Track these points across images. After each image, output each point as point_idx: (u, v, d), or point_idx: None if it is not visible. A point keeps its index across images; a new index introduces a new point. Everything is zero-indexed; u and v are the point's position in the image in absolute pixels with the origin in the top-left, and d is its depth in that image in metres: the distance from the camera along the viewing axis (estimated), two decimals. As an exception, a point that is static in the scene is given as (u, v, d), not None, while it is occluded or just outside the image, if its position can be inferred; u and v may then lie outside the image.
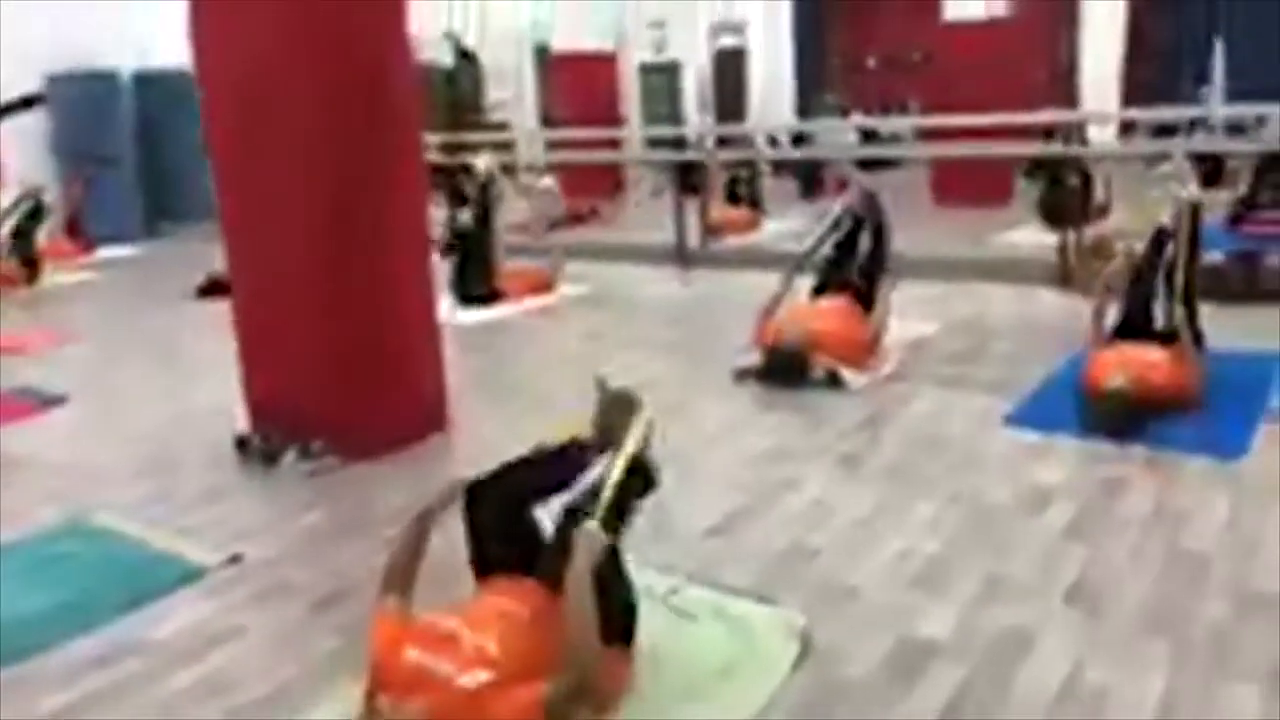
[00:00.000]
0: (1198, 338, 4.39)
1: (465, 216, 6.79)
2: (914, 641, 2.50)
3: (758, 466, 3.71)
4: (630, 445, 2.36)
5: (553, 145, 12.90)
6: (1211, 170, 9.86)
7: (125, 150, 11.33)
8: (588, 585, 2.09)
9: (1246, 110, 9.13)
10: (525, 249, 7.36)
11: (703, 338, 5.60)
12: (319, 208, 3.82)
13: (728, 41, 17.08)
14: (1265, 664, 2.35)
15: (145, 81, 11.31)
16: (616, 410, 2.47)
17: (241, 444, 4.08)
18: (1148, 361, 3.99)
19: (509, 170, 12.73)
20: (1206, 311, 5.24)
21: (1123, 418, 3.76)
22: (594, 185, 12.06)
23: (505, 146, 13.68)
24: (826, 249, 5.28)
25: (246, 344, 4.18)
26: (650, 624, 2.54)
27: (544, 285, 6.93)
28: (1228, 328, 5.10)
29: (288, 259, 3.90)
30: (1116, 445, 3.69)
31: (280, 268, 3.94)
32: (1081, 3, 14.02)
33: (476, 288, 6.58)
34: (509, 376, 5.12)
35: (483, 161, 6.87)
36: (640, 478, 2.40)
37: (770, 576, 2.87)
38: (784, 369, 4.61)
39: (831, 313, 4.86)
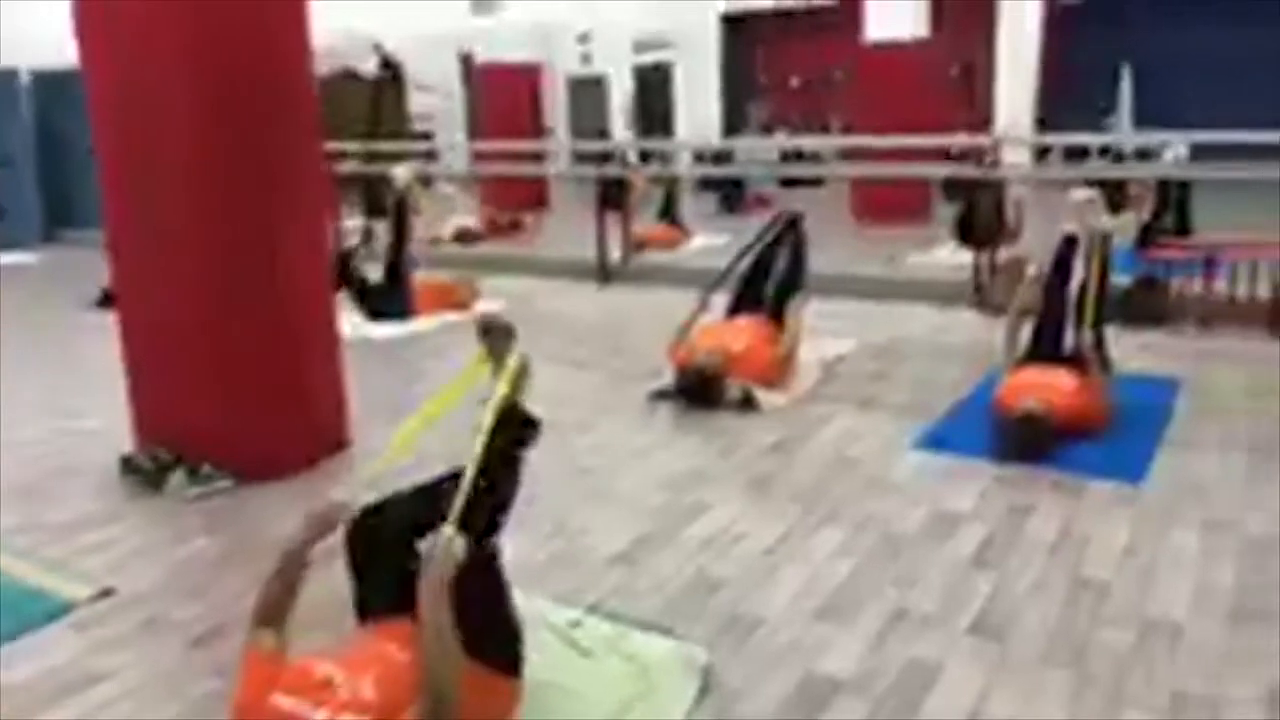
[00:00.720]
0: (1105, 362, 4.47)
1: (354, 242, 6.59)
2: (817, 677, 2.44)
3: (668, 490, 3.63)
4: (502, 386, 2.25)
5: (478, 157, 12.75)
6: (1117, 195, 10.18)
7: (23, 153, 10.84)
8: (442, 596, 1.97)
9: (1152, 137, 9.43)
10: (448, 262, 7.20)
11: (620, 356, 5.52)
12: (208, 217, 3.64)
13: (653, 57, 17.11)
14: (1162, 693, 2.34)
15: (45, 81, 10.84)
16: (502, 341, 2.38)
17: (127, 465, 3.86)
18: (1058, 386, 4.02)
19: (428, 182, 12.59)
20: (1112, 335, 5.40)
21: (1033, 441, 3.78)
22: (519, 198, 11.92)
23: (429, 157, 13.52)
24: (743, 268, 5.25)
25: (133, 359, 3.97)
26: (545, 658, 2.44)
27: (460, 300, 6.77)
28: (1133, 351, 5.24)
29: (175, 271, 3.71)
30: (1025, 469, 3.70)
31: (168, 280, 3.74)
32: (999, 28, 14.36)
33: (388, 302, 6.39)
34: (415, 394, 4.94)
35: (401, 172, 6.70)
36: (516, 427, 2.29)
37: (674, 608, 2.79)
38: (698, 390, 4.54)
39: (745, 333, 4.80)
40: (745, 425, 4.33)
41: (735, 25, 16.85)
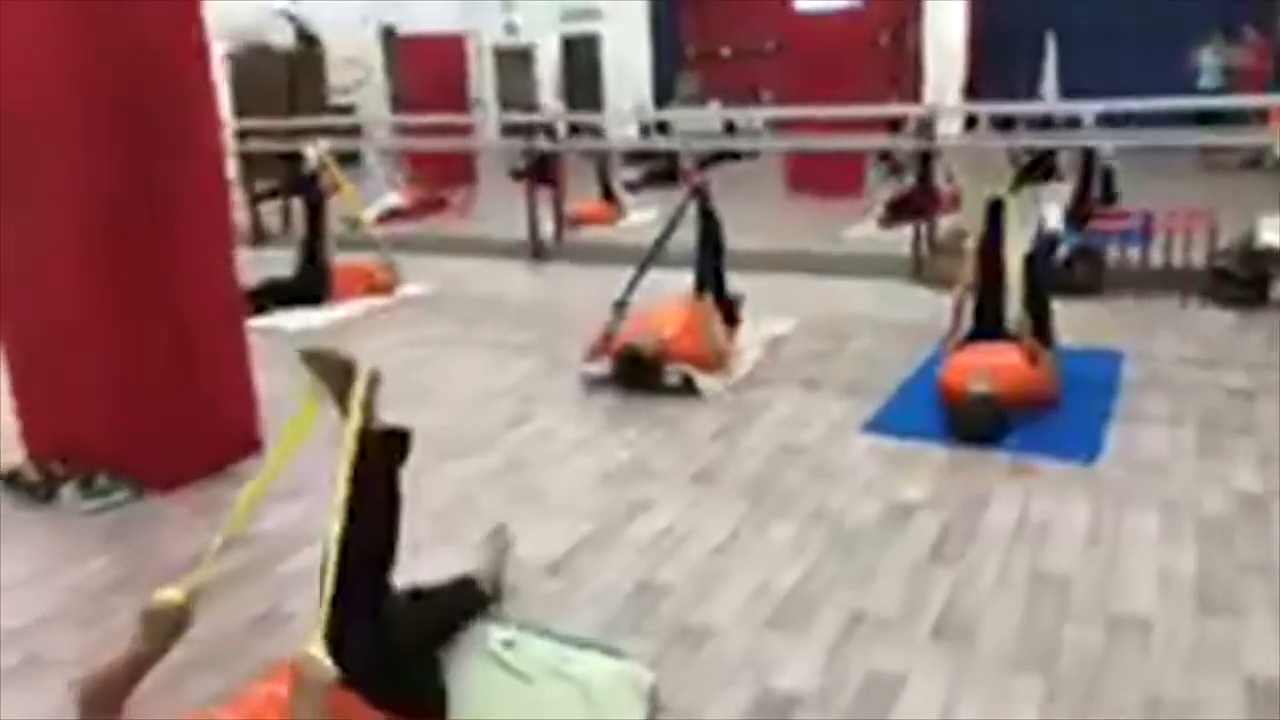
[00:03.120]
0: (1046, 337, 4.36)
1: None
2: (774, 694, 2.26)
3: (607, 487, 3.42)
4: (355, 417, 2.01)
5: (404, 132, 12.27)
6: (1048, 164, 10.19)
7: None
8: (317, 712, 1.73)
9: (1077, 106, 9.43)
10: (372, 244, 6.82)
11: (556, 340, 5.27)
12: (94, 208, 3.30)
13: (581, 27, 16.74)
14: (1137, 696, 2.21)
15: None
16: (334, 379, 2.10)
17: (12, 479, 3.52)
18: (1006, 363, 3.89)
19: (350, 158, 12.10)
20: (1055, 308, 5.32)
21: (983, 423, 3.65)
22: (446, 173, 11.51)
23: (351, 133, 12.98)
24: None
25: (18, 361, 3.63)
26: (476, 686, 2.22)
27: (383, 284, 6.44)
28: (1074, 323, 5.15)
29: (60, 265, 3.38)
30: (978, 451, 3.57)
31: (51, 278, 3.40)
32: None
33: (304, 288, 6.04)
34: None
35: (312, 150, 6.32)
36: (383, 452, 2.06)
37: (616, 621, 2.58)
38: (635, 375, 4.33)
39: (680, 314, 4.58)
40: (685, 412, 4.13)
41: (663, -6, 16.52)
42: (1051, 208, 4.85)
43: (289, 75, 15.38)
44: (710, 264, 4.84)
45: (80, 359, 3.46)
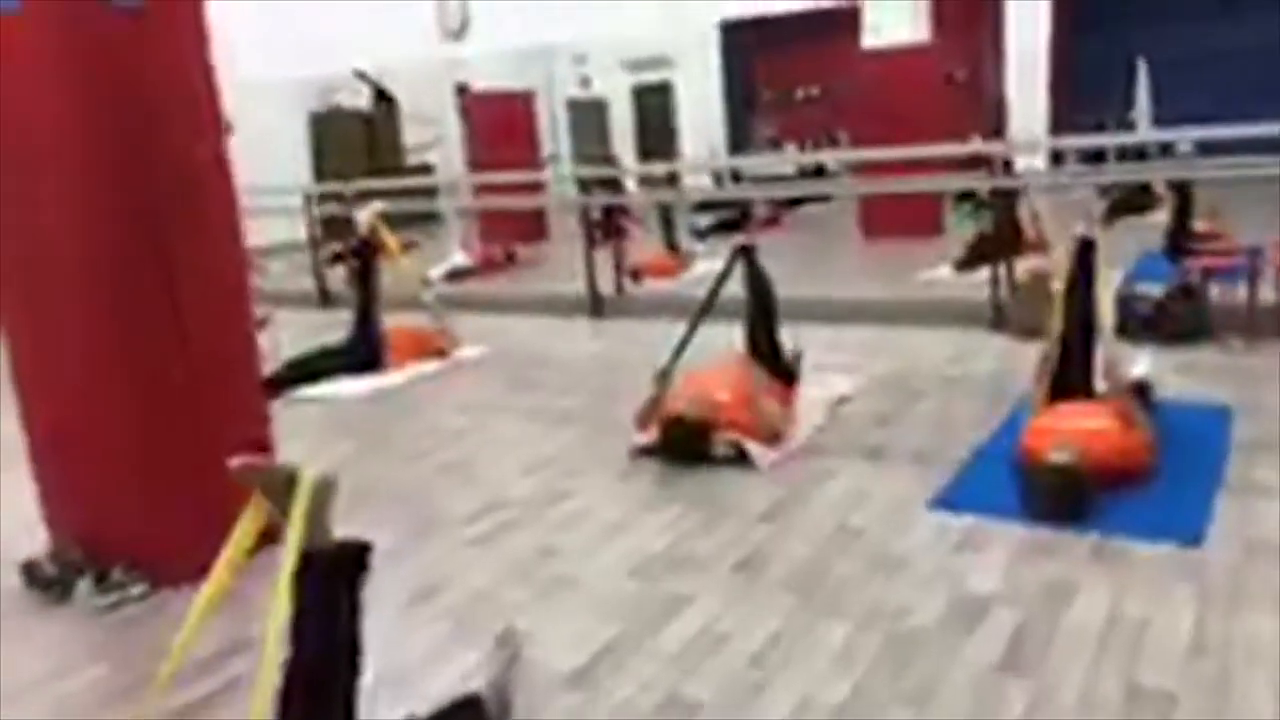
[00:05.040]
0: (1145, 391, 3.93)
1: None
2: None
3: (641, 578, 3.12)
4: (295, 532, 1.74)
5: (477, 190, 12.33)
6: (1143, 197, 9.61)
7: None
8: None
9: (1171, 134, 8.87)
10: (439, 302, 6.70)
11: (606, 405, 5.01)
12: (102, 289, 3.19)
13: (653, 76, 16.71)
14: None
15: None
16: (275, 493, 1.84)
17: (30, 572, 3.39)
18: (1095, 429, 3.48)
19: (424, 219, 12.18)
20: (1149, 354, 4.84)
21: (1066, 498, 3.24)
22: (517, 230, 11.48)
23: (428, 193, 13.10)
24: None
25: (39, 447, 3.51)
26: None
27: (438, 347, 6.30)
28: (1173, 372, 4.68)
29: (72, 345, 3.26)
30: (1060, 531, 3.16)
31: (65, 354, 3.29)
32: (1006, 30, 13.82)
33: (355, 355, 5.93)
34: (371, 467, 4.48)
35: (364, 214, 6.24)
36: (332, 575, 1.79)
37: (636, 748, 2.27)
38: (683, 445, 4.03)
39: (732, 378, 4.26)
40: (734, 486, 3.81)
41: (737, 38, 16.37)
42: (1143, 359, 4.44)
43: (366, 136, 15.71)
44: (762, 327, 4.52)
45: (95, 446, 3.33)
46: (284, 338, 6.93)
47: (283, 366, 5.81)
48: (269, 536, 1.91)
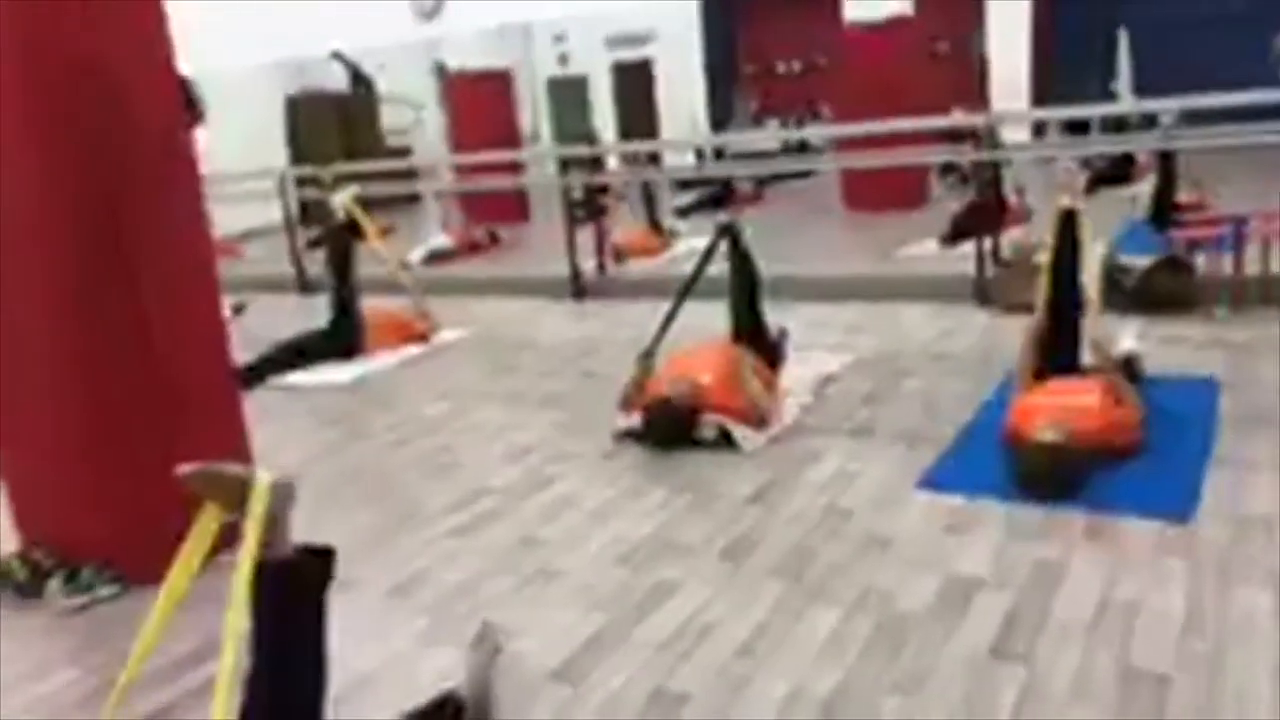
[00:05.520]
0: (1132, 364, 3.90)
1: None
2: None
3: (626, 568, 3.06)
4: (250, 541, 1.67)
5: (456, 171, 12.16)
6: (1126, 168, 9.56)
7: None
8: None
9: (1154, 105, 8.81)
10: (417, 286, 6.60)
11: (588, 388, 4.95)
12: (61, 279, 3.09)
13: (631, 53, 16.52)
14: None
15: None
16: (227, 498, 1.76)
17: (0, 571, 3.31)
18: (1083, 405, 3.43)
19: (405, 201, 12.01)
20: (1135, 327, 4.81)
21: (1055, 477, 3.19)
22: (498, 212, 11.34)
23: (407, 175, 12.92)
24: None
25: (7, 447, 3.42)
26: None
27: (418, 332, 6.20)
28: (1161, 345, 4.65)
29: (32, 339, 3.16)
30: (1050, 510, 3.12)
31: (24, 348, 3.19)
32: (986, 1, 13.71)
33: (336, 341, 5.83)
34: (351, 456, 4.40)
35: (339, 198, 6.13)
36: (294, 584, 1.72)
37: (622, 744, 2.22)
38: (667, 429, 3.97)
39: (715, 360, 4.19)
40: (721, 470, 3.75)
41: (718, 12, 16.19)
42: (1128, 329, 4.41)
43: (343, 119, 15.49)
44: (746, 307, 4.45)
45: (58, 442, 3.24)
46: (256, 325, 6.84)
47: (267, 352, 5.72)
48: (226, 541, 1.83)
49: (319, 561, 1.81)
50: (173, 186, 3.28)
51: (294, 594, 1.76)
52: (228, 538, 1.81)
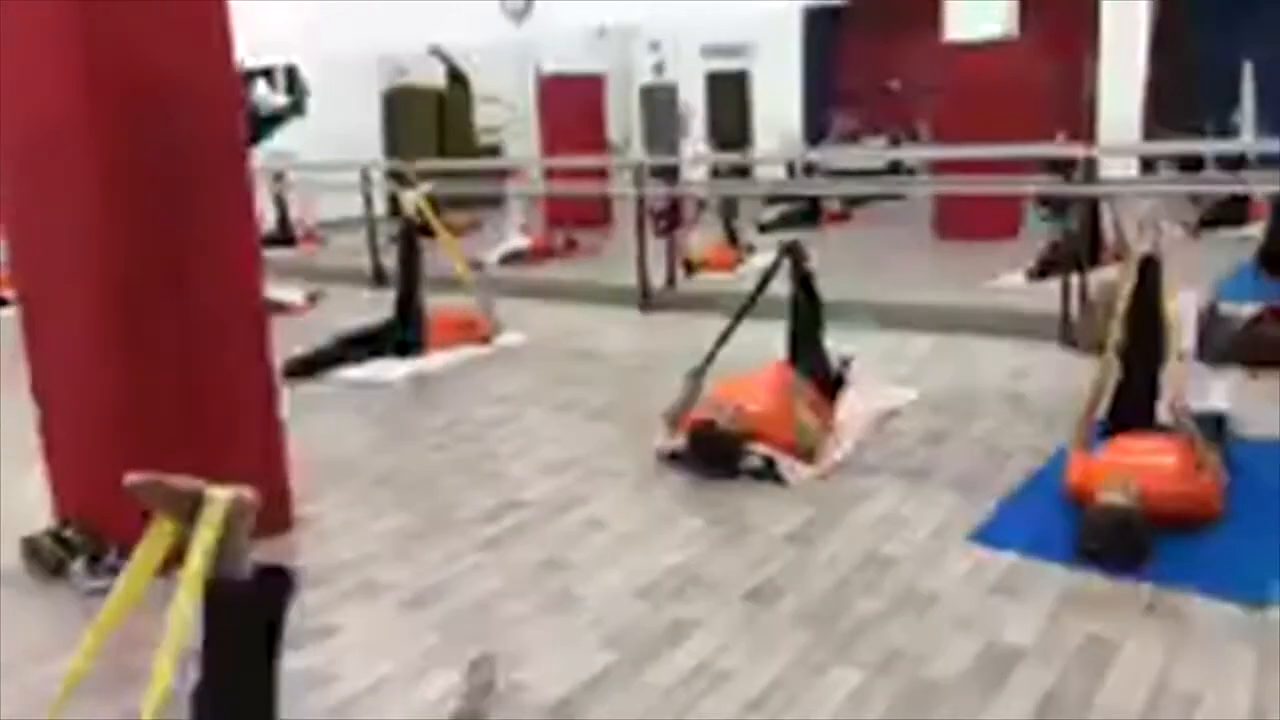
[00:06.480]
0: (1218, 425, 3.59)
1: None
2: None
3: (646, 601, 2.91)
4: (194, 561, 1.55)
5: (544, 174, 12.19)
6: (1237, 208, 9.05)
7: None
8: None
9: (1277, 145, 8.30)
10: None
11: (642, 402, 4.80)
12: (111, 277, 3.11)
13: (726, 64, 16.34)
14: None
15: None
16: (178, 512, 1.64)
17: (30, 548, 3.33)
18: (1157, 467, 3.16)
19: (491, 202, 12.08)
20: (1231, 382, 4.48)
21: (1120, 545, 2.93)
22: (580, 216, 11.32)
23: (496, 174, 13.01)
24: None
25: (46, 425, 3.47)
26: None
27: (480, 334, 6.16)
28: (1261, 404, 4.29)
29: (74, 326, 3.20)
30: (1111, 579, 2.87)
31: (71, 340, 3.23)
32: (1101, 23, 13.16)
33: (396, 337, 5.82)
34: (393, 456, 4.35)
35: (409, 197, 6.13)
36: (239, 605, 1.61)
37: (608, 798, 2.08)
38: (711, 455, 3.81)
39: (767, 387, 4.01)
40: (761, 503, 3.58)
41: (817, 26, 15.90)
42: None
43: (438, 115, 15.68)
44: (806, 331, 4.26)
45: (94, 426, 3.26)
46: (327, 315, 6.90)
47: (325, 344, 5.75)
48: (179, 556, 1.74)
49: (277, 582, 1.71)
50: (224, 188, 3.27)
51: (247, 615, 1.67)
52: (179, 556, 1.73)
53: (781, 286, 4.47)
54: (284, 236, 11.17)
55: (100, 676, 2.18)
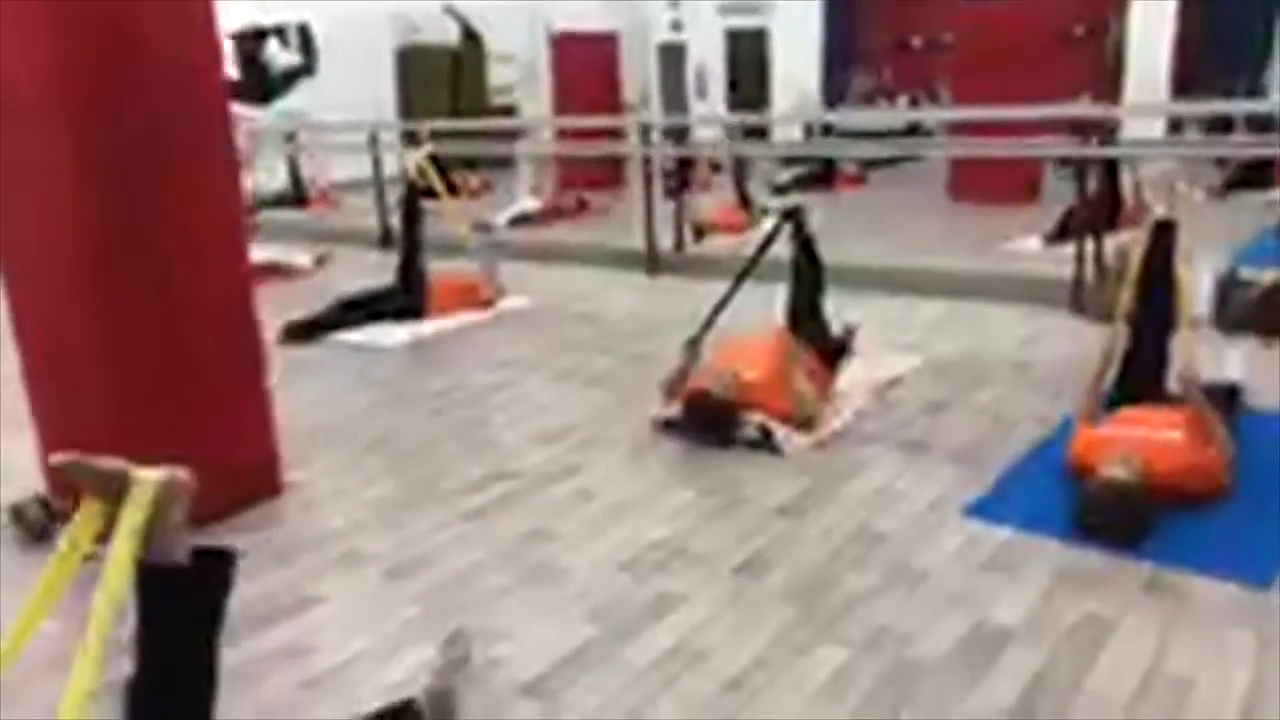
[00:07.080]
0: (1231, 396, 3.49)
1: None
2: None
3: (631, 574, 2.86)
4: (119, 547, 1.47)
5: (557, 135, 12.01)
6: (1264, 170, 8.82)
7: None
8: None
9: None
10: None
11: (639, 370, 4.73)
12: (85, 249, 3.04)
13: (744, 21, 16.03)
14: None
15: None
16: (105, 495, 1.56)
17: (16, 514, 3.32)
18: (1162, 441, 3.06)
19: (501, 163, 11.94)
20: (1246, 351, 4.36)
21: (1119, 521, 2.85)
22: (591, 177, 11.17)
23: (509, 135, 12.83)
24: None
25: (32, 391, 3.43)
26: None
27: (483, 298, 6.09)
28: (1274, 375, 4.17)
29: (54, 290, 3.14)
30: (1110, 555, 2.79)
31: (52, 303, 3.18)
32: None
33: (398, 301, 5.77)
34: (387, 421, 4.30)
35: (412, 157, 6.04)
36: (181, 590, 1.54)
37: (580, 778, 2.04)
38: (706, 422, 3.74)
39: (764, 354, 3.92)
40: (755, 473, 3.51)
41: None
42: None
43: (452, 74, 15.48)
44: (806, 298, 4.17)
45: (77, 396, 3.22)
46: (334, 277, 6.84)
47: (327, 307, 5.71)
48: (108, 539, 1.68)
49: (215, 566, 1.64)
50: (207, 161, 3.20)
51: (183, 601, 1.61)
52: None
53: (786, 250, 4.35)
54: (297, 197, 11.10)
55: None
